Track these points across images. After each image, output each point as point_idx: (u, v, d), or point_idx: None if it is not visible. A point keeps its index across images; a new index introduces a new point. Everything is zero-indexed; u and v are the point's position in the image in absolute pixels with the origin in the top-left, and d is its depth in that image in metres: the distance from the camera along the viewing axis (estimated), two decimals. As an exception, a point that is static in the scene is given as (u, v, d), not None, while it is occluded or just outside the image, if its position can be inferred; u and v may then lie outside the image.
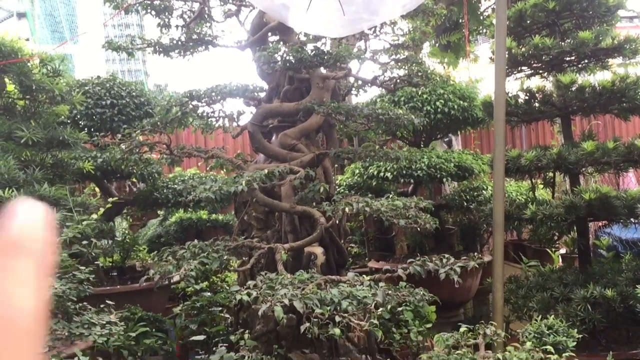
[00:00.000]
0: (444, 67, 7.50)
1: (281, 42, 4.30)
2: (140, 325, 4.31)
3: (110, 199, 4.21)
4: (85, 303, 3.19)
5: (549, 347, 3.29)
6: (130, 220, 6.81)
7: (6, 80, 4.28)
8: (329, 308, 2.79)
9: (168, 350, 4.44)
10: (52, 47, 8.08)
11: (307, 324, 2.79)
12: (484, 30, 8.07)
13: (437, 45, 7.53)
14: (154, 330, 4.46)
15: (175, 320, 4.86)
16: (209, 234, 6.08)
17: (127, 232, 6.07)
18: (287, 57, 3.87)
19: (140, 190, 5.93)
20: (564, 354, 3.21)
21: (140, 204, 5.81)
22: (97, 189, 5.97)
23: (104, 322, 3.00)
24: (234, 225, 4.73)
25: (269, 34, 4.44)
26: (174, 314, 4.82)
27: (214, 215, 6.84)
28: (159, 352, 4.42)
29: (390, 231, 6.80)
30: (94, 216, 3.47)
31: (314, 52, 3.84)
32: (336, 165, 6.32)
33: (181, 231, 6.57)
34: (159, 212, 6.86)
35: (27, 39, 8.53)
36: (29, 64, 4.21)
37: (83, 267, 3.17)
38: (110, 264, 5.61)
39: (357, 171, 5.95)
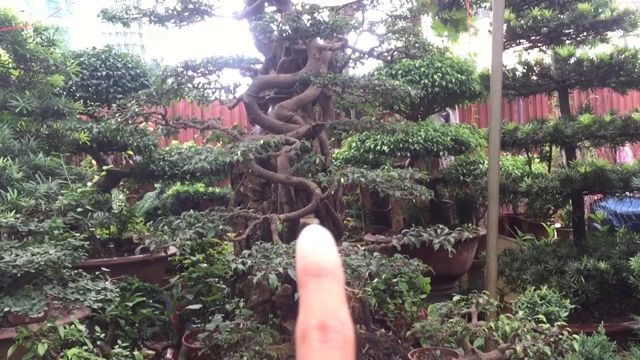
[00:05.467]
0: (443, 41, 7.45)
1: (278, 12, 4.26)
2: (137, 296, 4.33)
3: (105, 167, 4.20)
4: (80, 270, 3.21)
5: (542, 317, 3.32)
6: (127, 192, 6.81)
7: (0, 49, 4.24)
8: (323, 276, 2.80)
9: (165, 320, 4.48)
10: (46, 16, 7.99)
11: (302, 292, 2.81)
12: (484, 5, 8.00)
13: (438, 19, 7.47)
14: (151, 300, 4.50)
15: (172, 291, 4.90)
16: (205, 207, 6.07)
17: (123, 204, 6.08)
18: (284, 27, 3.83)
19: (137, 163, 5.92)
20: (556, 324, 3.25)
21: (137, 176, 5.80)
22: (93, 162, 5.96)
23: (99, 288, 3.02)
24: (231, 198, 4.74)
25: (266, 3, 4.39)
26: (170, 285, 4.85)
27: (210, 188, 6.84)
28: (156, 322, 4.46)
29: (386, 205, 6.82)
30: (89, 184, 3.47)
31: (310, 21, 3.80)
32: (333, 139, 6.31)
33: (178, 204, 6.58)
34: (155, 184, 6.86)
35: (22, 10, 8.44)
36: (22, 33, 4.17)
37: (78, 234, 3.18)
38: (107, 236, 5.63)
39: (354, 144, 5.95)
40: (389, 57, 4.33)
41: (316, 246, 0.47)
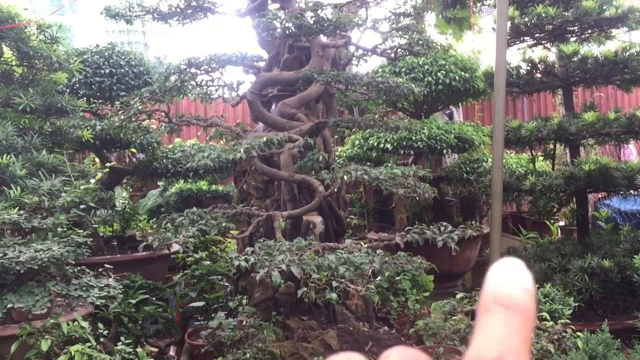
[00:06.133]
0: (446, 39, 7.44)
1: (281, 10, 4.25)
2: (141, 293, 4.34)
3: (108, 164, 4.20)
4: (83, 267, 3.21)
5: (545, 315, 3.31)
6: (130, 190, 6.82)
7: (3, 46, 4.25)
8: (326, 273, 2.80)
9: (168, 318, 4.48)
10: (50, 14, 7.99)
11: (304, 289, 2.80)
12: (488, 2, 7.98)
13: (441, 17, 7.46)
14: (154, 298, 4.50)
15: (175, 288, 4.90)
16: (209, 205, 6.08)
17: (127, 202, 6.09)
18: (287, 24, 3.82)
19: (140, 160, 5.92)
20: (559, 322, 3.24)
21: (140, 173, 5.81)
22: (96, 159, 5.96)
23: (102, 285, 3.02)
24: (234, 196, 4.73)
25: (269, 1, 4.39)
26: (173, 282, 4.85)
27: (214, 186, 6.84)
28: (159, 320, 4.46)
29: (389, 203, 6.81)
30: (92, 181, 3.47)
31: (314, 18, 3.79)
32: (336, 137, 6.30)
33: (181, 202, 6.58)
34: (158, 182, 6.87)
35: (26, 9, 8.44)
36: (26, 30, 4.17)
37: (81, 231, 3.18)
38: (111, 234, 5.63)
39: (357, 142, 5.94)
40: (392, 55, 4.31)
41: (516, 279, 0.43)
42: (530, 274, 0.43)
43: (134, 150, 5.86)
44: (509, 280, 0.42)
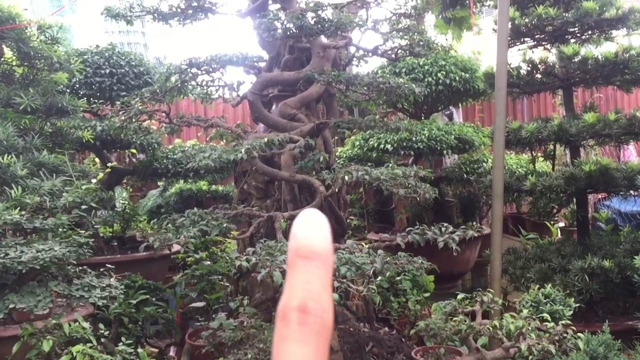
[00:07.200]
0: (447, 39, 7.44)
1: (282, 10, 4.25)
2: (141, 293, 4.34)
3: (109, 164, 4.20)
4: (85, 267, 3.21)
5: (546, 315, 3.31)
6: (130, 190, 6.81)
7: (4, 46, 4.24)
8: (327, 274, 2.80)
9: (168, 318, 4.48)
10: (50, 14, 7.99)
11: (306, 290, 2.80)
12: (488, 3, 7.99)
13: (441, 18, 7.46)
14: (154, 298, 4.50)
15: (176, 288, 4.90)
16: (208, 205, 6.07)
17: (127, 202, 6.08)
18: (288, 25, 3.82)
19: (140, 161, 5.92)
20: (560, 322, 3.24)
21: (140, 174, 5.80)
22: (97, 160, 5.96)
23: (104, 285, 3.03)
24: (234, 196, 4.73)
25: (270, 1, 4.39)
26: (174, 283, 4.85)
27: (214, 187, 6.84)
28: (160, 320, 4.46)
29: (389, 203, 6.81)
30: (94, 181, 3.47)
31: (314, 19, 3.79)
32: (336, 137, 6.30)
33: (181, 202, 6.58)
34: (159, 182, 6.87)
35: (26, 9, 8.45)
36: (26, 31, 4.17)
37: (82, 231, 3.18)
38: (111, 234, 5.63)
39: (357, 143, 5.94)
40: (393, 55, 4.32)
41: (311, 230, 0.47)
42: (326, 221, 0.47)
43: (134, 150, 5.86)
44: (306, 233, 0.47)
